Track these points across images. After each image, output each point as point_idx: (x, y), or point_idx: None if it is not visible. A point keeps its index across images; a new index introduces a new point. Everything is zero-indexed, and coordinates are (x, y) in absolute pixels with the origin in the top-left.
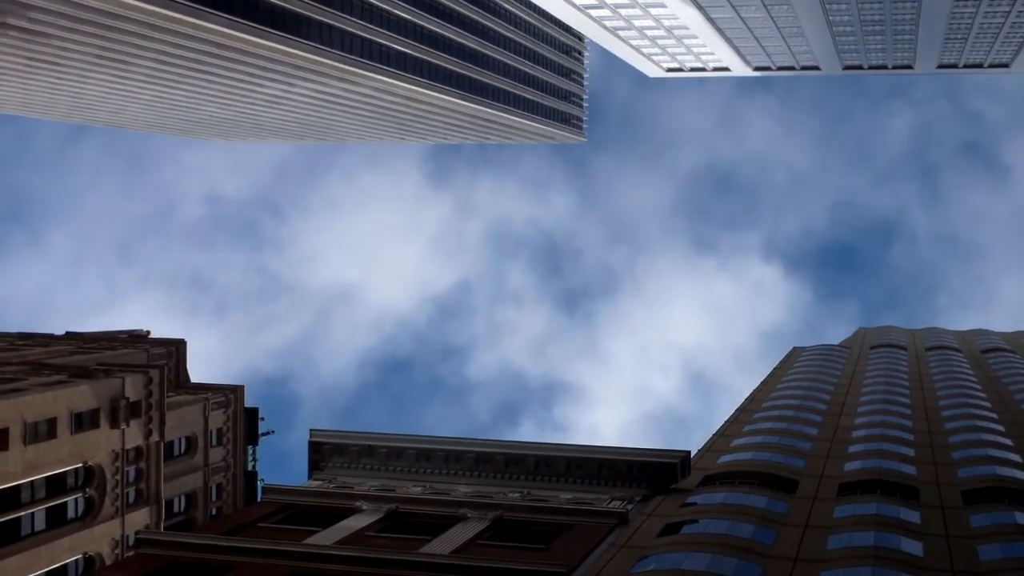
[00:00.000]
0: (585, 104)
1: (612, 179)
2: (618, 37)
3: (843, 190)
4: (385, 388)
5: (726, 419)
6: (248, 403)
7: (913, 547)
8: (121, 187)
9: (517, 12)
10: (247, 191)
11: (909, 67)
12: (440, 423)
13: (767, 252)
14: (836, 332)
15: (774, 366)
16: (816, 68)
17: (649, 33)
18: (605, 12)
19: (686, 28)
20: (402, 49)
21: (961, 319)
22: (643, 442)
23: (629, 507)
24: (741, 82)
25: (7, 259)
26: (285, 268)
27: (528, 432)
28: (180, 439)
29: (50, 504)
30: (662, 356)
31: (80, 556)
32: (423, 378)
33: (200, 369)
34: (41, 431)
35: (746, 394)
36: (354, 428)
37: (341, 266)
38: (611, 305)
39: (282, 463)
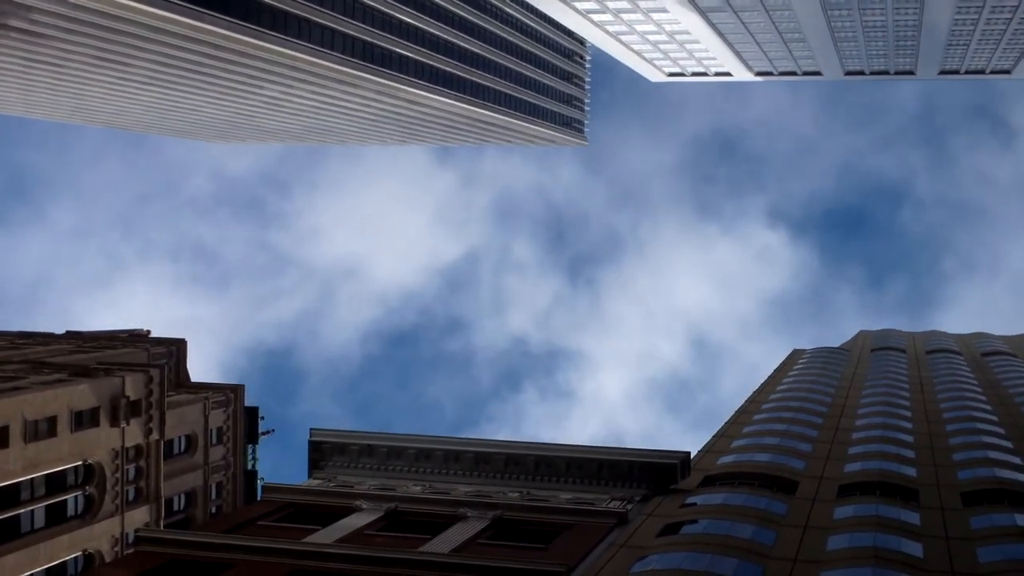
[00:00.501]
0: (587, 108)
1: (617, 146)
2: (620, 42)
3: (849, 154)
4: (390, 359)
5: (726, 420)
6: (250, 395)
7: (913, 548)
8: (124, 162)
9: (519, 16)
10: (252, 168)
11: (911, 73)
12: (444, 392)
13: (772, 218)
14: (841, 298)
15: (775, 366)
16: (818, 73)
17: (651, 38)
18: (607, 16)
19: (688, 33)
20: (403, 52)
21: (967, 282)
22: (646, 407)
23: (629, 507)
24: None
25: (8, 233)
26: (290, 243)
27: (531, 398)
28: (180, 438)
29: (50, 502)
30: (666, 322)
31: (80, 553)
32: (427, 348)
33: (202, 344)
34: (41, 429)
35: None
36: (359, 404)
37: (346, 241)
38: (615, 271)
39: (285, 438)
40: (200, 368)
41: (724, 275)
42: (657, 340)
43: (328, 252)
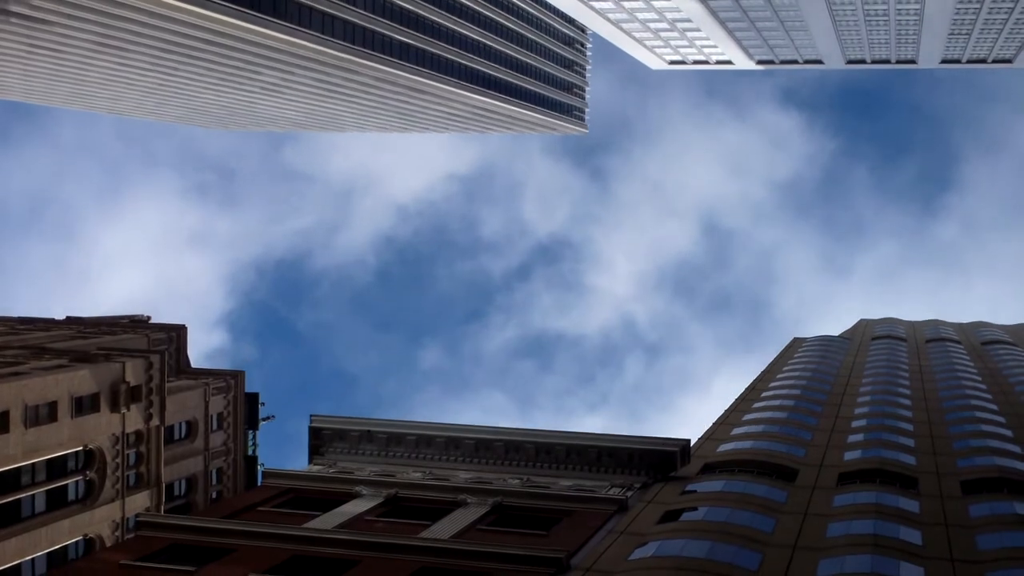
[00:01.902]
0: (587, 95)
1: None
2: (621, 29)
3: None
4: (403, 259)
5: (726, 408)
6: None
7: (912, 536)
8: None
9: (520, 3)
10: None
11: (912, 62)
12: (454, 287)
13: (784, 100)
14: (855, 178)
15: (775, 356)
16: (819, 62)
17: (652, 26)
18: (608, 4)
19: (689, 21)
20: (403, 39)
21: (980, 161)
22: (656, 295)
23: (629, 494)
24: None
25: (11, 146)
26: (303, 159)
27: (539, 288)
28: (181, 423)
29: (51, 487)
30: (677, 208)
31: (80, 538)
32: (438, 247)
33: (210, 257)
34: (42, 414)
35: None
36: (371, 306)
37: (358, 152)
38: (624, 159)
39: (289, 337)
40: (208, 285)
41: (734, 158)
42: (668, 227)
43: (340, 165)
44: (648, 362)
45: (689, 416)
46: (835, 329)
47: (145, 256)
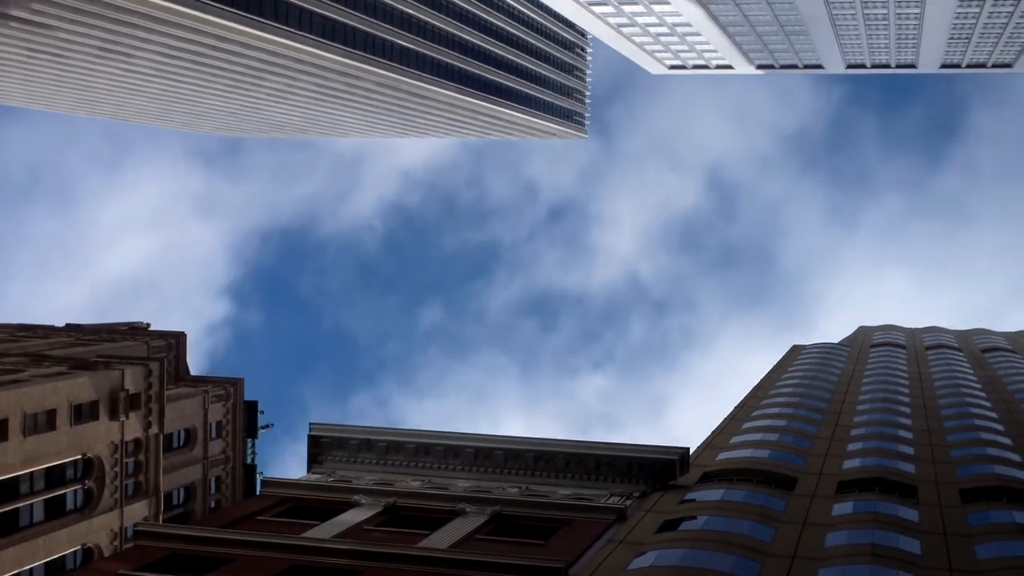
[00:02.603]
0: (588, 100)
1: None
2: (621, 34)
3: None
4: (409, 225)
5: (725, 416)
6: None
7: (911, 545)
8: None
9: (520, 8)
10: None
11: (912, 66)
12: (459, 247)
13: None
14: (857, 130)
15: (776, 360)
16: (819, 66)
17: (652, 30)
18: (608, 9)
19: (689, 25)
20: (405, 44)
21: (985, 111)
22: (663, 250)
23: (628, 503)
24: None
25: (10, 117)
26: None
27: (543, 246)
28: (179, 432)
29: (49, 495)
30: (681, 161)
31: (79, 547)
32: (443, 215)
33: (215, 225)
34: (40, 422)
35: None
36: (377, 270)
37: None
38: (628, 112)
39: (295, 322)
40: (212, 252)
41: (741, 111)
42: (673, 182)
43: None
44: (654, 319)
45: (693, 376)
46: (839, 288)
47: (148, 224)
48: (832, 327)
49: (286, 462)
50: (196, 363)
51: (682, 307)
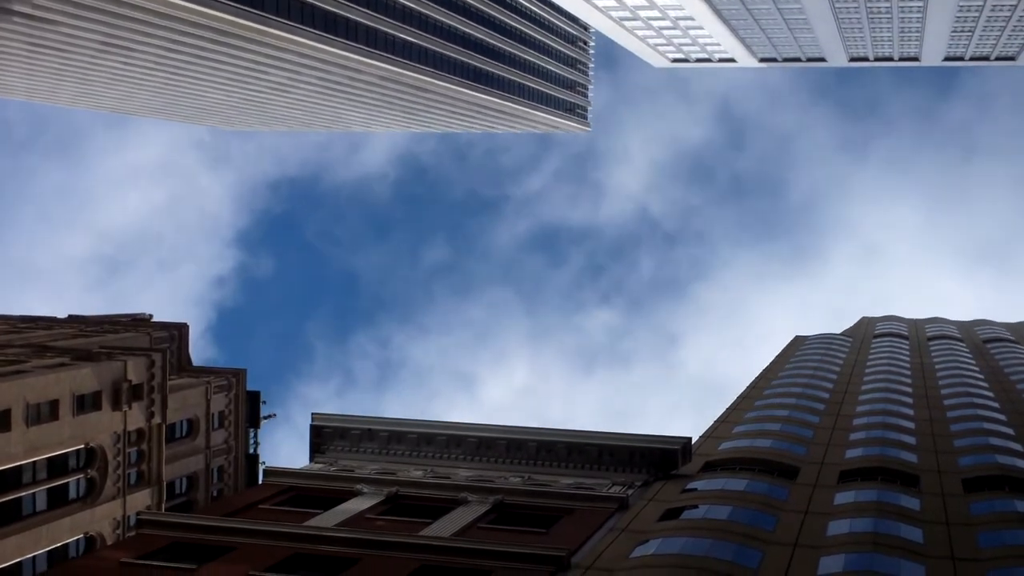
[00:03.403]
0: (590, 94)
1: None
2: (624, 27)
3: None
4: (418, 174)
5: (728, 406)
6: (251, 384)
7: (913, 534)
8: None
9: (523, 1)
10: None
11: (916, 59)
12: (466, 185)
13: None
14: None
15: (777, 353)
16: (822, 59)
17: (655, 23)
18: (611, 2)
19: (692, 19)
20: (407, 38)
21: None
22: (671, 186)
23: (630, 492)
24: None
25: None
26: None
27: (548, 182)
28: (182, 421)
29: (52, 485)
30: (690, 93)
31: (81, 536)
32: (453, 161)
33: (223, 174)
34: (43, 413)
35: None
36: (383, 214)
37: None
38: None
39: (301, 265)
40: (221, 201)
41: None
42: (682, 114)
43: None
44: (663, 252)
45: (703, 308)
46: (848, 219)
47: (156, 174)
48: (840, 259)
49: (290, 402)
50: (203, 315)
51: (691, 240)
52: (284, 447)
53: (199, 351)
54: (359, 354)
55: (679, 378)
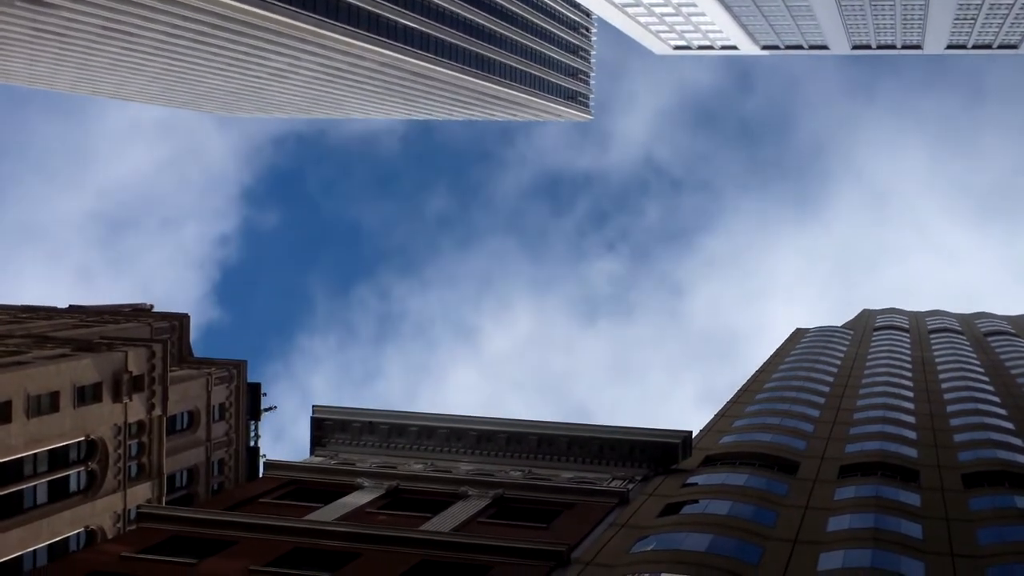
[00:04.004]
0: (592, 81)
1: None
2: (626, 14)
3: None
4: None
5: (728, 400)
6: (251, 377)
7: (913, 529)
8: None
9: None
10: None
11: (918, 47)
12: (470, 136)
13: None
14: None
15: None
16: (824, 47)
17: (657, 10)
18: None
19: (694, 5)
20: (409, 24)
21: None
22: (680, 133)
23: (630, 487)
24: None
25: None
26: None
27: (552, 130)
28: (182, 414)
29: (52, 477)
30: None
31: (82, 529)
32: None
33: (228, 129)
34: (44, 404)
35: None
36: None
37: None
38: None
39: (303, 218)
40: (225, 156)
41: None
42: (688, 59)
43: None
44: (669, 200)
45: (708, 256)
46: (855, 162)
47: (158, 130)
48: (847, 205)
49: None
50: (205, 272)
51: (698, 187)
52: (285, 404)
53: (202, 312)
54: (360, 307)
55: (684, 329)
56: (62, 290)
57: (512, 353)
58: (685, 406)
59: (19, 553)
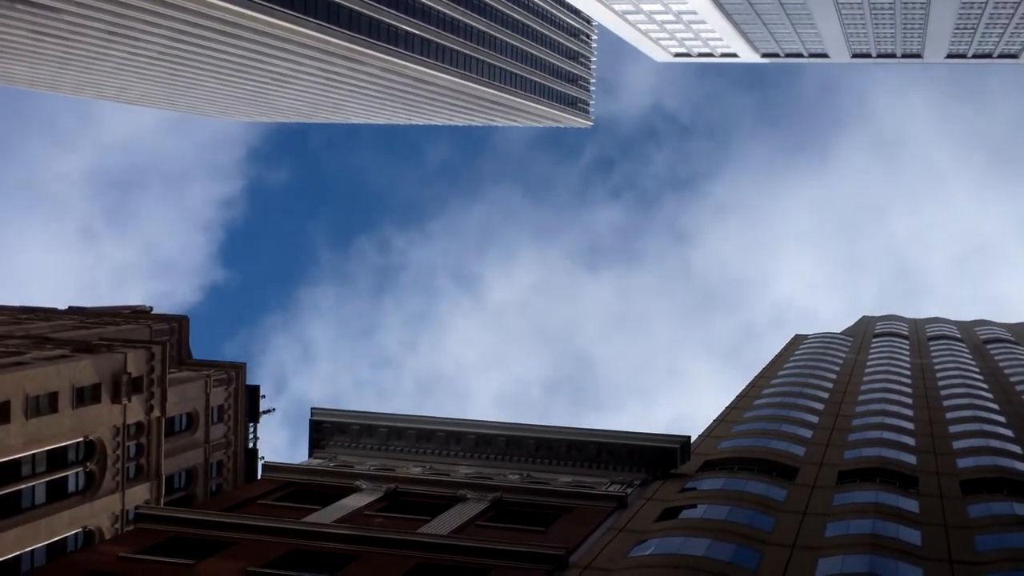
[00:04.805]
0: (592, 88)
1: None
2: (626, 21)
3: None
4: None
5: (727, 405)
6: (250, 379)
7: (911, 536)
8: None
9: None
10: None
11: (918, 56)
12: None
13: None
14: None
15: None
16: (824, 55)
17: (657, 17)
18: None
19: (694, 13)
20: (410, 29)
21: None
22: (683, 74)
23: (628, 491)
24: None
25: None
26: None
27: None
28: (181, 415)
29: (51, 478)
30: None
31: (80, 530)
32: None
33: None
34: (43, 405)
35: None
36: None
37: None
38: None
39: (305, 173)
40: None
41: None
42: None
43: None
44: (675, 145)
45: (715, 203)
46: (860, 111)
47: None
48: (855, 152)
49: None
50: (210, 232)
51: (705, 132)
52: (285, 357)
53: (206, 273)
54: (361, 260)
55: (688, 278)
56: (63, 253)
57: (515, 303)
58: (689, 359)
59: (17, 553)
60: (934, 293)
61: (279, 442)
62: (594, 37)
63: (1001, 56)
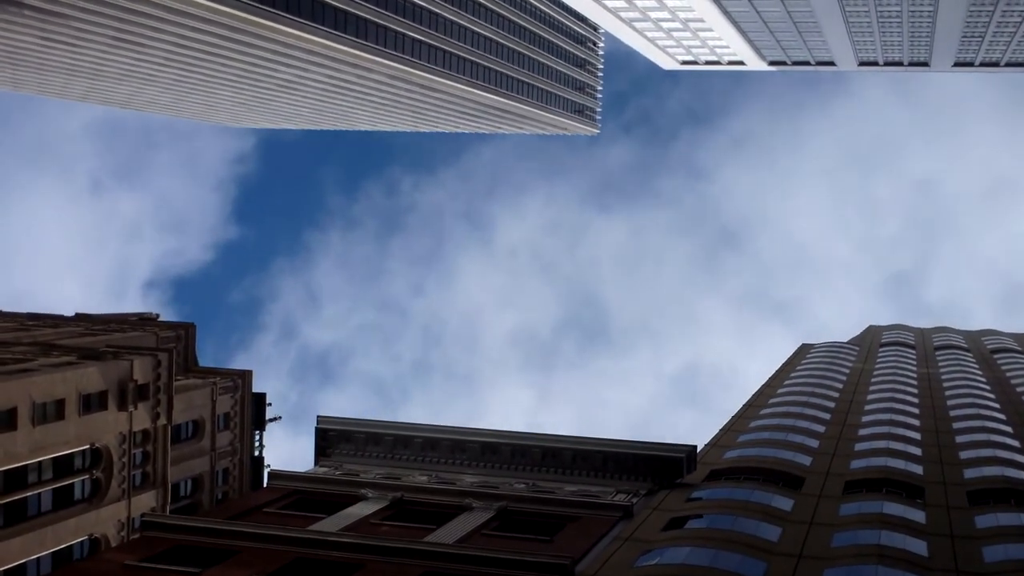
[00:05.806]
0: (599, 95)
1: None
2: (633, 28)
3: None
4: None
5: (733, 414)
6: (256, 387)
7: (918, 546)
8: None
9: (533, 1)
10: None
11: (925, 64)
12: None
13: None
14: None
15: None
16: (832, 63)
17: (664, 25)
18: (620, 3)
19: (701, 21)
20: (416, 36)
21: None
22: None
23: (634, 500)
24: None
25: None
26: None
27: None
28: (187, 423)
29: (57, 485)
30: None
31: (86, 537)
32: None
33: None
34: (49, 412)
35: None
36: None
37: None
38: None
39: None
40: None
41: None
42: None
43: None
44: (688, 80)
45: (732, 137)
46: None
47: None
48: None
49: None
50: (221, 190)
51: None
52: (291, 297)
53: (214, 231)
54: (367, 201)
55: (702, 217)
56: (72, 206)
57: (525, 243)
58: (701, 300)
59: (23, 560)
60: (957, 228)
61: (284, 388)
62: (601, 44)
63: (1009, 64)
